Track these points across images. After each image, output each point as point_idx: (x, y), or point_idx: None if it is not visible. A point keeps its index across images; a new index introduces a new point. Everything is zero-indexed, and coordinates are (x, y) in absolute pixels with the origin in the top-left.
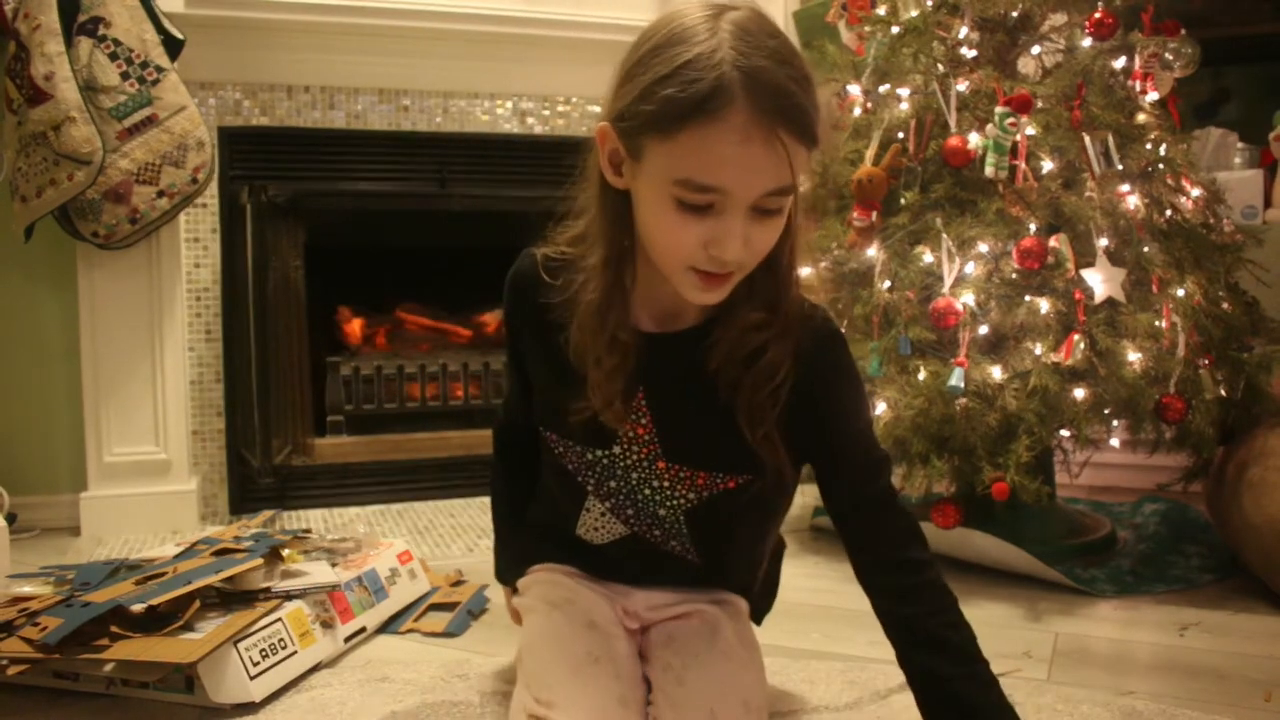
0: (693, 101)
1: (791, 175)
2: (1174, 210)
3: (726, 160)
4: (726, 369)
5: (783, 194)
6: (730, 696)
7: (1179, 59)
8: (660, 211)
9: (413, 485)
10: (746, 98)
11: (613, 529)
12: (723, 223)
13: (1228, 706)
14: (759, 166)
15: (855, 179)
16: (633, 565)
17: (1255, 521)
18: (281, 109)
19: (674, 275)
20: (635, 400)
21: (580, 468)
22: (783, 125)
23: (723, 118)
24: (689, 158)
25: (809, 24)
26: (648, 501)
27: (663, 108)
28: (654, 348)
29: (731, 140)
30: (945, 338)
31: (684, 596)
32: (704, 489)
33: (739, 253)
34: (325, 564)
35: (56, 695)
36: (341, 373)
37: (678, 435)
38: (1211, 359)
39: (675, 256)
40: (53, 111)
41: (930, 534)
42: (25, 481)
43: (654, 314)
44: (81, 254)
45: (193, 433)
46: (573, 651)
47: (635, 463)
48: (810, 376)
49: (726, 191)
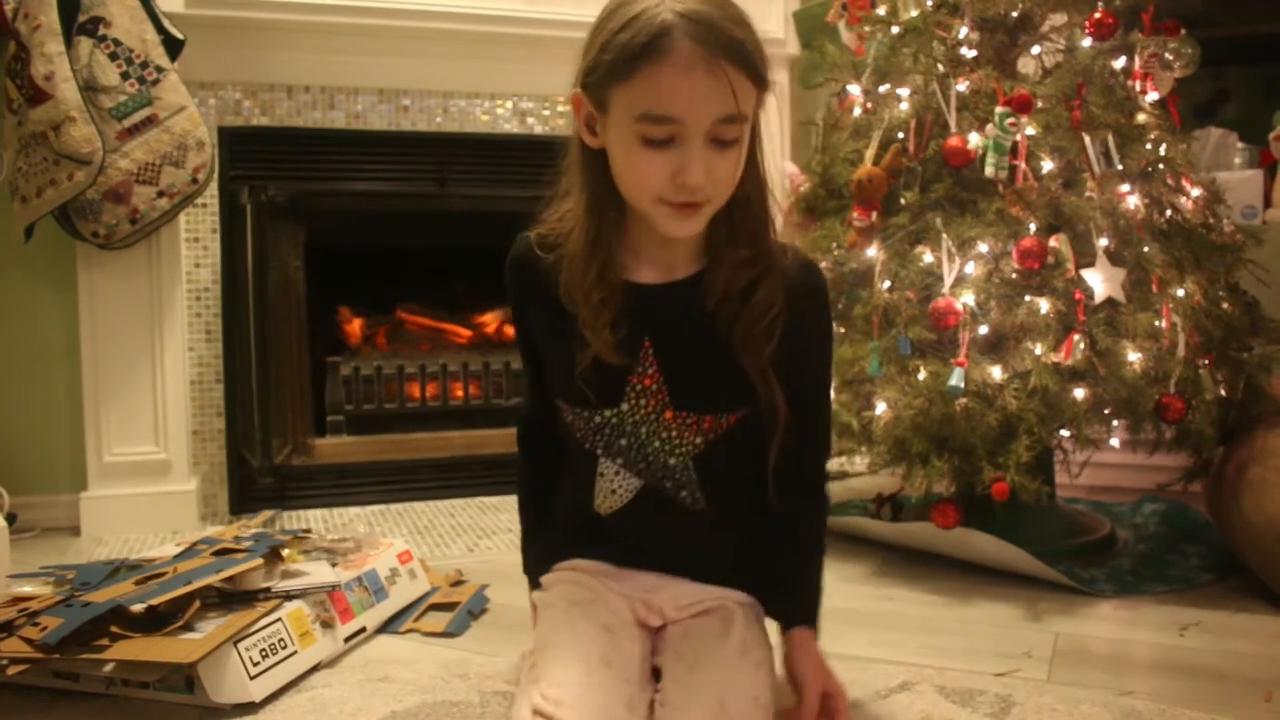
0: (641, 44)
1: (737, 103)
2: (1174, 210)
3: (677, 90)
4: (723, 306)
5: (733, 121)
6: (741, 690)
7: (1179, 59)
8: (629, 152)
9: (413, 485)
10: (687, 35)
11: (628, 485)
12: (683, 153)
13: (1227, 706)
14: (706, 93)
15: (855, 179)
16: (649, 530)
17: (1255, 521)
18: (281, 109)
19: (650, 212)
20: (643, 351)
21: (589, 434)
22: (723, 57)
23: (668, 53)
24: (645, 95)
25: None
26: (657, 453)
27: (617, 55)
28: (656, 298)
29: (678, 71)
30: (945, 338)
31: (708, 594)
32: (709, 431)
33: (701, 178)
34: (325, 564)
35: (56, 695)
36: (341, 373)
37: (684, 381)
38: (1211, 359)
39: (647, 192)
40: (53, 111)
41: (930, 534)
42: (25, 481)
43: (653, 267)
44: (81, 254)
45: (193, 433)
46: (587, 652)
47: (644, 417)
48: (799, 312)
49: (680, 120)
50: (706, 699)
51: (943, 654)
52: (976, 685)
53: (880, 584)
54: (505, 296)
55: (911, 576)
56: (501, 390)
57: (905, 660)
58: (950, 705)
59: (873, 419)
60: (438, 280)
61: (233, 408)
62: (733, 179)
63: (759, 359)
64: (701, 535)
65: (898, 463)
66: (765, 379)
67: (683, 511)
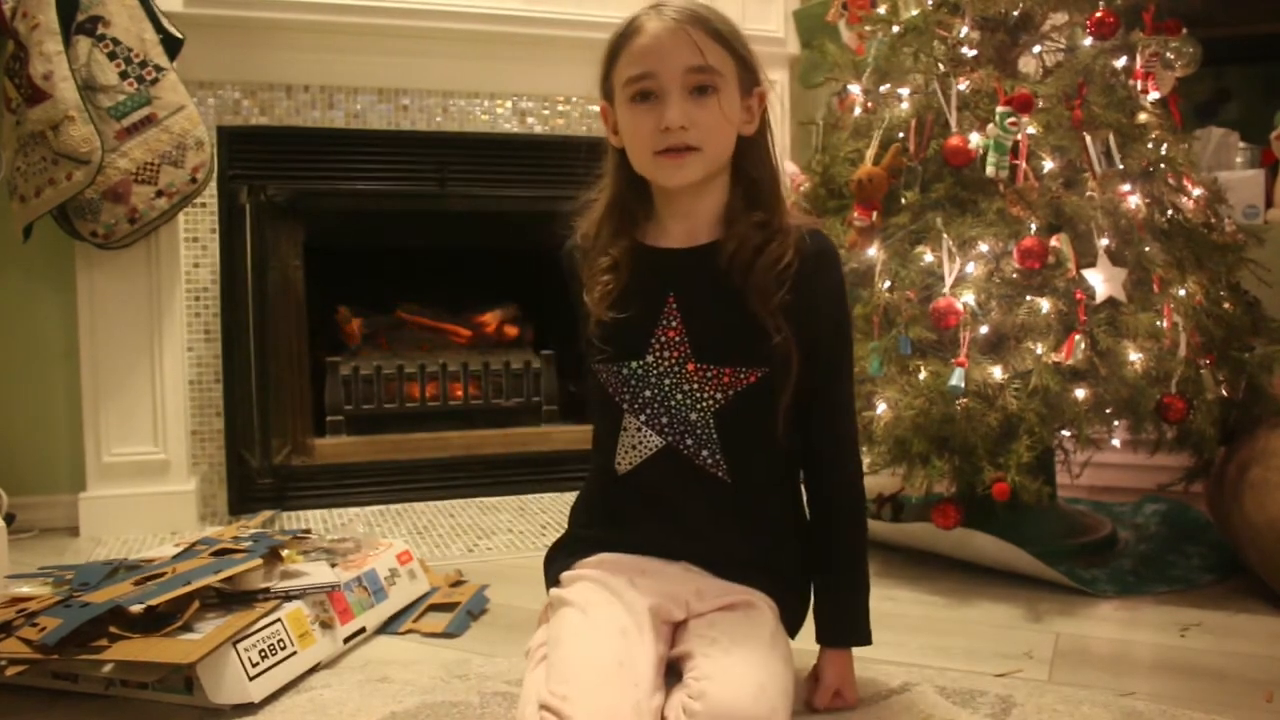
0: (621, 33)
1: (703, 55)
2: (1175, 210)
3: (647, 50)
4: (738, 259)
5: (703, 71)
6: (778, 678)
7: (1180, 58)
8: (626, 118)
9: (412, 485)
10: (652, 16)
11: (648, 442)
12: (664, 103)
13: (1228, 707)
14: (671, 48)
15: (855, 179)
16: (667, 492)
17: (1256, 521)
18: (281, 108)
19: (651, 171)
20: (666, 306)
21: (618, 387)
22: (687, 23)
23: (640, 30)
24: (626, 65)
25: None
26: (680, 407)
27: (609, 50)
28: (681, 260)
29: (647, 37)
30: (946, 338)
31: (733, 589)
32: (729, 386)
33: (679, 118)
34: (325, 564)
35: (55, 696)
36: (341, 373)
37: (705, 333)
38: (1213, 359)
39: (644, 147)
40: (51, 111)
41: (931, 534)
42: (24, 482)
43: (677, 236)
44: (80, 254)
45: (192, 433)
46: (600, 654)
47: (667, 369)
48: (811, 277)
49: (655, 73)
50: (748, 679)
51: (943, 654)
52: (977, 686)
53: (880, 584)
54: (505, 297)
55: (912, 576)
56: (501, 390)
57: (906, 661)
58: (951, 706)
59: (873, 419)
60: (438, 280)
61: (232, 408)
62: (718, 128)
63: (768, 304)
64: (722, 504)
65: (898, 463)
66: (778, 327)
67: (703, 475)
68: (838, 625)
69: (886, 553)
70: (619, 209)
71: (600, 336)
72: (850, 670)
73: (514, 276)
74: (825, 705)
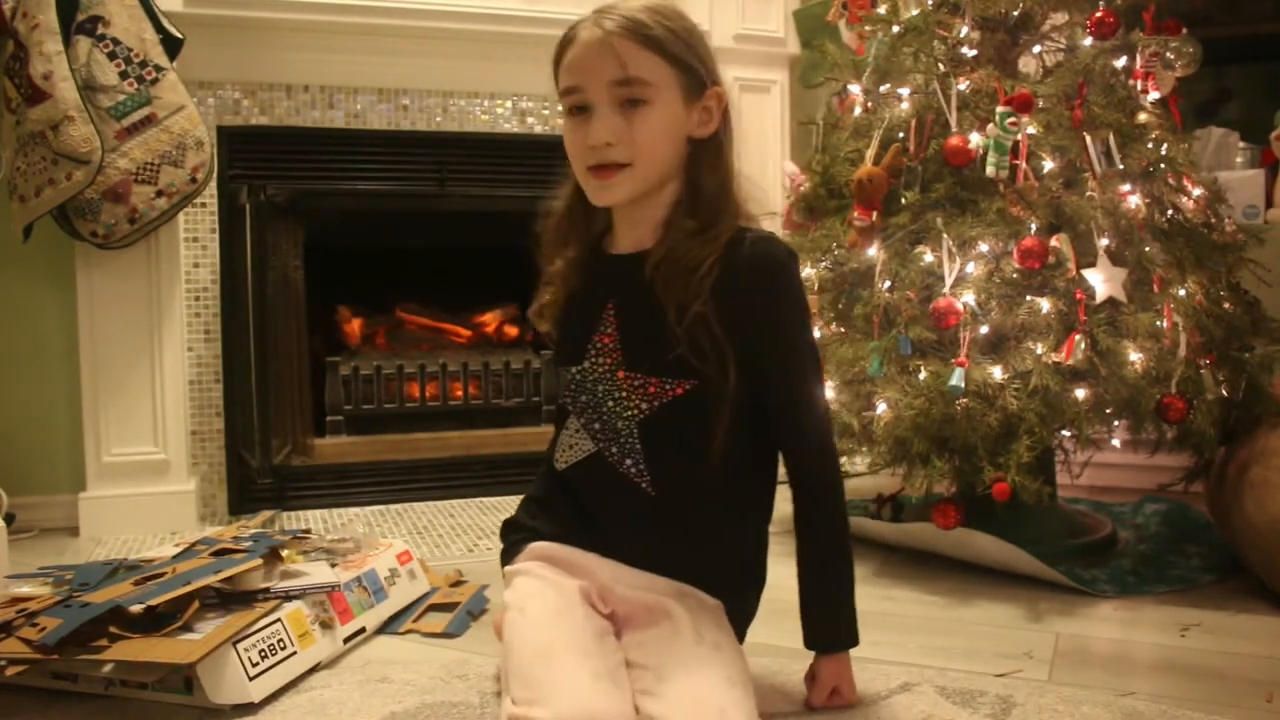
0: (560, 42)
1: (626, 68)
2: (1175, 210)
3: (575, 64)
4: (660, 269)
5: (629, 84)
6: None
7: (1180, 58)
8: (565, 131)
9: (412, 485)
10: (588, 25)
11: (582, 445)
12: (592, 118)
13: (1229, 707)
14: (594, 62)
15: (856, 179)
16: (596, 496)
17: (1256, 521)
18: (281, 108)
19: (585, 186)
20: (605, 313)
21: (564, 389)
22: (617, 33)
23: (574, 40)
24: (562, 76)
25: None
26: (610, 414)
27: (553, 59)
28: (619, 266)
29: (577, 50)
30: (946, 338)
31: (659, 587)
32: (655, 397)
33: (603, 135)
34: (325, 564)
35: (55, 696)
36: (341, 373)
37: (636, 342)
38: (1213, 359)
39: (578, 162)
40: (51, 111)
41: (931, 534)
42: (24, 481)
43: (627, 241)
44: (80, 254)
45: (192, 433)
46: (546, 643)
47: (601, 375)
48: (744, 287)
49: (581, 87)
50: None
51: (943, 654)
52: (977, 686)
53: (880, 584)
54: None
55: (912, 577)
56: (501, 390)
57: (906, 661)
58: (951, 706)
59: (873, 419)
60: (438, 280)
61: (232, 408)
62: (649, 141)
63: (682, 315)
64: (642, 515)
65: (898, 463)
66: (694, 337)
67: (626, 484)
68: (824, 630)
69: (886, 553)
70: (571, 215)
71: (552, 339)
72: (847, 669)
73: (514, 276)
74: (822, 703)
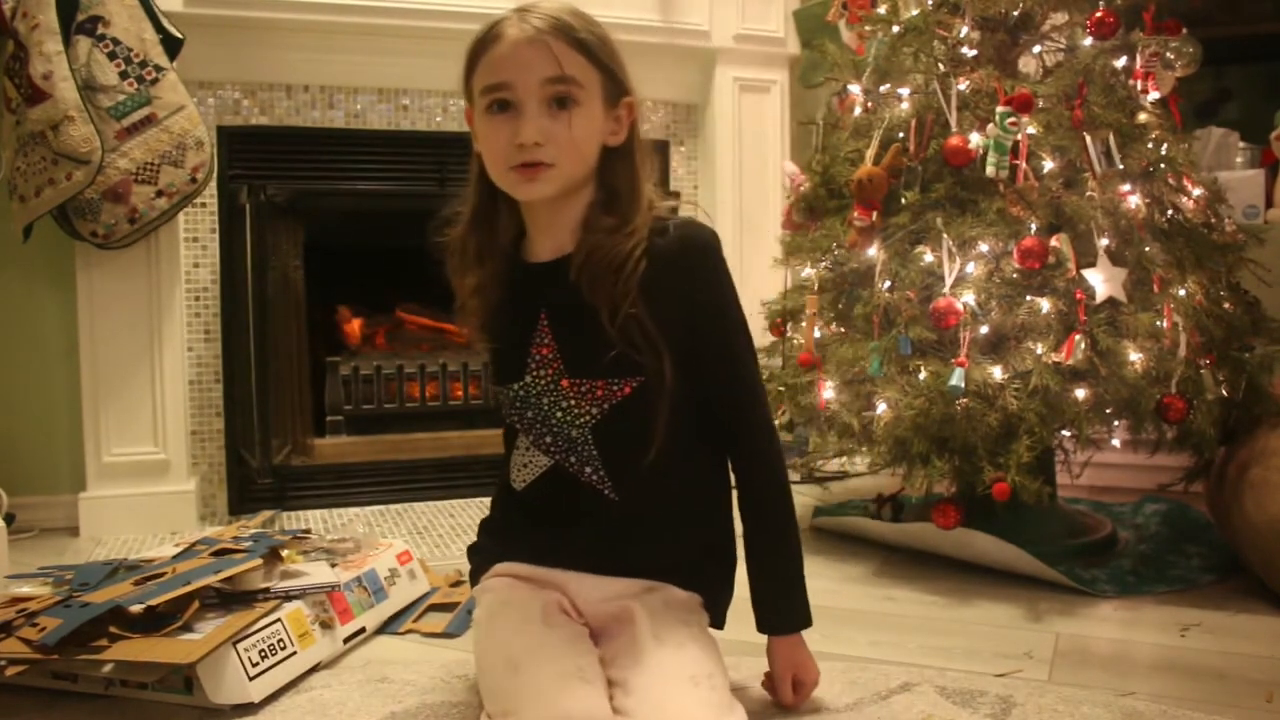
0: (480, 39)
1: (560, 65)
2: (1175, 210)
3: (504, 60)
4: (584, 271)
5: (561, 82)
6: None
7: (1180, 58)
8: (481, 126)
9: (412, 485)
10: (514, 23)
11: (537, 462)
12: (520, 115)
13: (1229, 707)
14: (528, 58)
15: (855, 179)
16: (559, 506)
17: (1256, 522)
18: (281, 108)
19: (507, 185)
20: (539, 324)
21: (508, 408)
22: (546, 31)
23: (499, 38)
24: (484, 73)
25: (809, 24)
26: (560, 424)
27: (470, 54)
28: (544, 274)
29: (506, 46)
30: (946, 338)
31: (624, 591)
32: (604, 400)
33: (534, 134)
34: (325, 564)
35: (55, 696)
36: (341, 373)
37: (574, 348)
38: (1213, 359)
39: (499, 160)
40: (51, 111)
41: (931, 534)
42: (24, 482)
43: (546, 248)
44: (80, 254)
45: (192, 433)
46: (508, 654)
47: (545, 387)
48: (675, 274)
49: (511, 83)
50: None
51: (943, 654)
52: (977, 686)
53: (880, 584)
54: None
55: (912, 576)
56: None
57: (906, 661)
58: (951, 706)
59: (873, 419)
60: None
61: (232, 408)
62: (575, 143)
63: (614, 314)
64: (608, 522)
65: (898, 463)
66: (630, 336)
67: (589, 492)
68: (772, 610)
69: (886, 553)
70: (482, 221)
71: (489, 358)
72: (800, 652)
73: None
74: (788, 700)
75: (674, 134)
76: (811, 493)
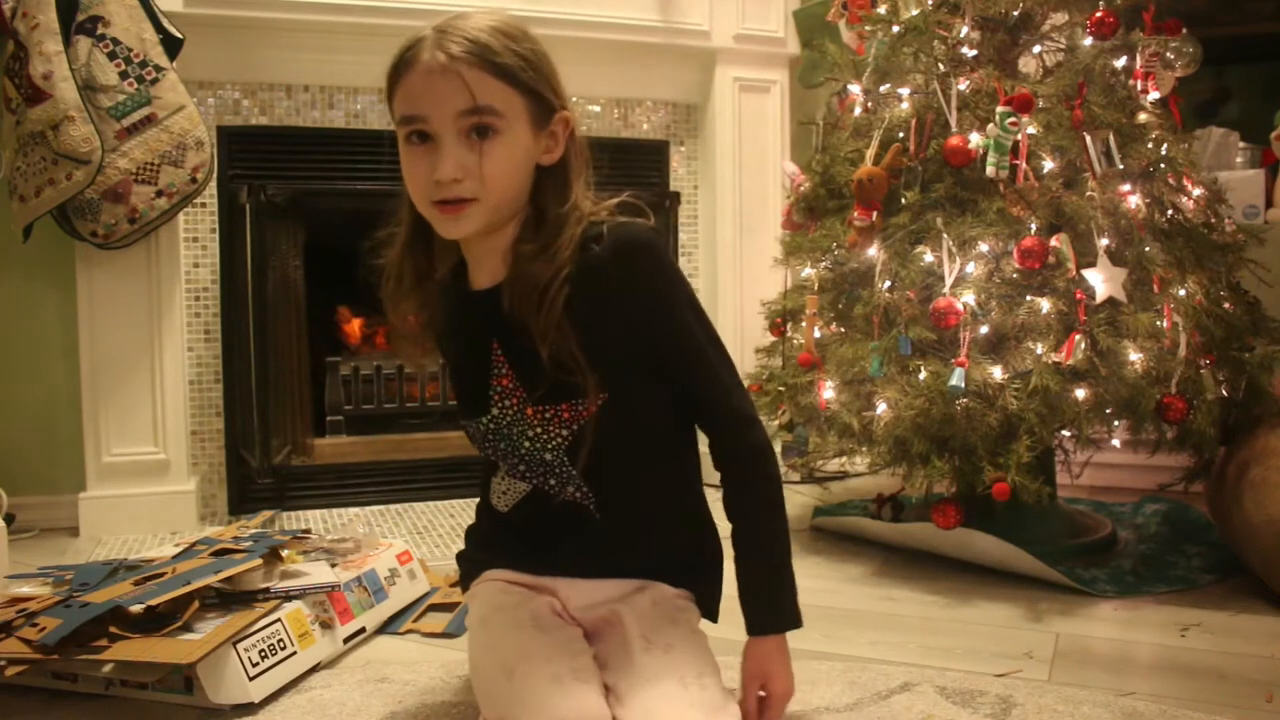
0: (396, 61)
1: (474, 97)
2: (1175, 210)
3: (420, 91)
4: (513, 300)
5: (478, 113)
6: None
7: (1180, 58)
8: (403, 157)
9: (412, 485)
10: (429, 46)
11: (516, 488)
12: (438, 151)
13: (1228, 707)
14: (441, 90)
15: (856, 178)
16: (544, 526)
17: (1256, 522)
18: (281, 108)
19: (429, 216)
20: (494, 354)
21: (481, 442)
22: (462, 60)
23: (414, 62)
24: (401, 102)
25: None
26: (532, 451)
27: (388, 77)
28: (488, 302)
29: (419, 75)
30: (946, 338)
31: (613, 594)
32: (571, 422)
33: (452, 171)
34: (325, 564)
35: (55, 696)
36: (341, 373)
37: (532, 375)
38: (1213, 359)
39: (420, 195)
40: (51, 111)
41: (931, 534)
42: (24, 482)
43: (485, 276)
44: (80, 254)
45: (192, 433)
46: (501, 658)
47: (511, 419)
48: (611, 283)
49: (425, 117)
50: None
51: (943, 654)
52: (977, 686)
53: (880, 584)
54: None
55: (912, 576)
56: None
57: (906, 661)
58: (951, 706)
59: (873, 419)
60: None
61: (232, 408)
62: (499, 175)
63: (546, 342)
64: (596, 536)
65: (898, 463)
66: (562, 360)
67: (574, 511)
68: (751, 609)
69: (886, 553)
70: (412, 253)
71: (453, 392)
72: (776, 658)
73: None
74: (750, 715)
75: (674, 134)
76: (811, 493)
